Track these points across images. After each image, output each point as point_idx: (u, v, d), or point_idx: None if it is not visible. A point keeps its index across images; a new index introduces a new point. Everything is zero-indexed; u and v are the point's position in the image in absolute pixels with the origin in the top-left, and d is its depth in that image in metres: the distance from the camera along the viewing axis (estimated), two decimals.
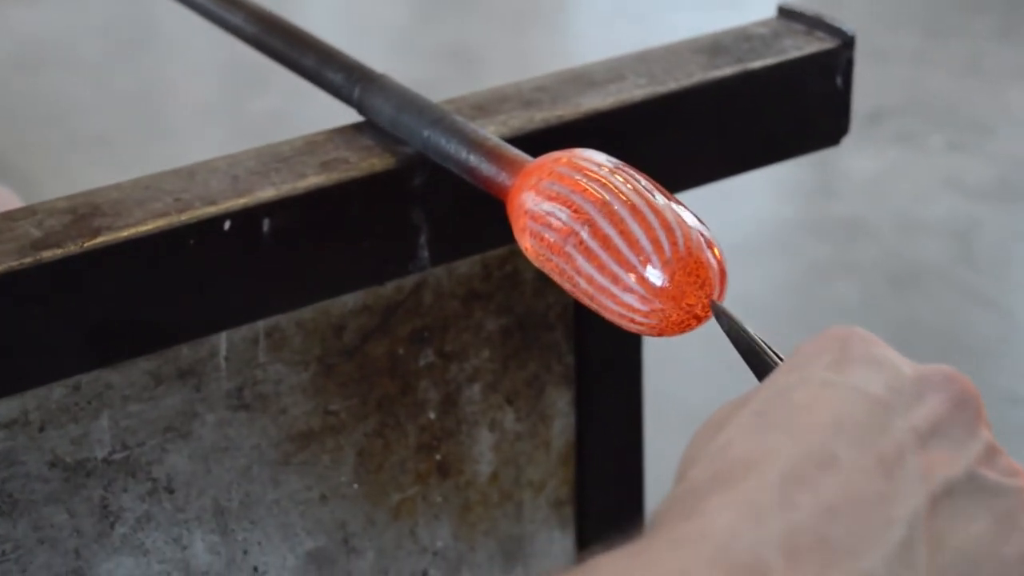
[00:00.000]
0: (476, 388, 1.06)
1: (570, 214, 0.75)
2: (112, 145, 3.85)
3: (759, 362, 0.68)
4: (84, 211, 0.90)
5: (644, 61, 1.05)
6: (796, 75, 1.06)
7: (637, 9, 4.62)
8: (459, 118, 0.91)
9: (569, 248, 0.75)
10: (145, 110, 4.11)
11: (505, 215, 0.99)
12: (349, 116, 1.00)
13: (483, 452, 1.08)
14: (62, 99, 4.12)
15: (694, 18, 4.31)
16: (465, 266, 1.02)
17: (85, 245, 0.87)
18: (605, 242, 0.73)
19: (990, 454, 0.57)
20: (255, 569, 1.01)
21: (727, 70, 1.04)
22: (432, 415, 1.05)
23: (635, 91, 1.01)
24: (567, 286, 0.76)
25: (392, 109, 0.95)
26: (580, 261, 0.74)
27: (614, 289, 0.73)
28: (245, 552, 1.01)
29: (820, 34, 1.08)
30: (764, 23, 1.10)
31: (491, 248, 1.02)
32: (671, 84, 1.02)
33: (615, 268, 0.73)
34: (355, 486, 1.03)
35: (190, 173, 0.94)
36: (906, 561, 0.53)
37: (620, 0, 4.71)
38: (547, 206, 0.77)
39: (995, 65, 4.14)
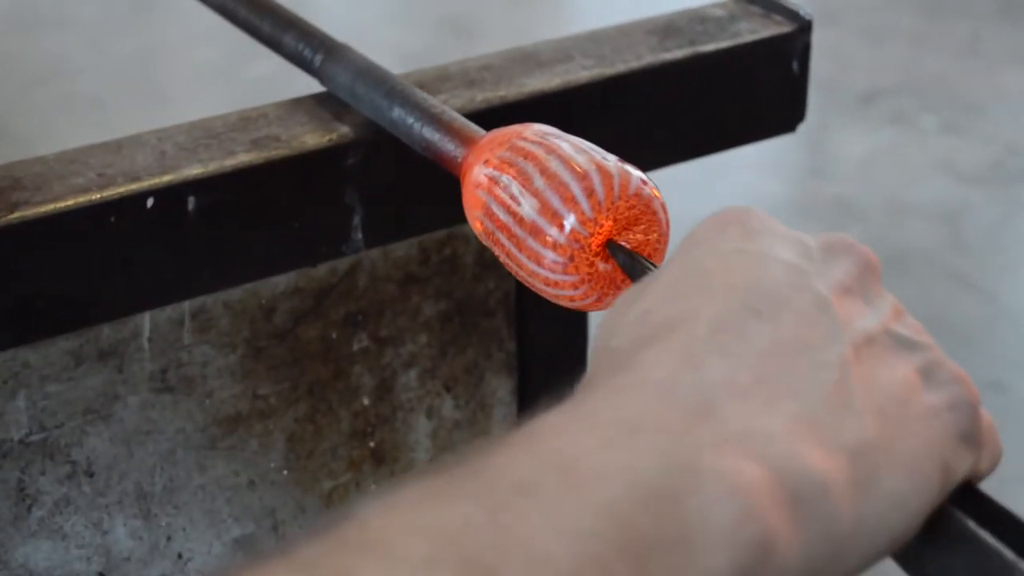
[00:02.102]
0: (412, 374, 1.03)
1: (511, 181, 0.75)
2: (107, 108, 3.82)
3: None
4: (3, 184, 0.87)
5: (594, 41, 1.02)
6: (750, 59, 1.03)
7: None
8: (418, 91, 0.88)
9: (499, 214, 0.74)
10: (141, 73, 4.07)
11: (443, 198, 0.96)
12: None
13: (419, 439, 1.05)
14: (57, 60, 4.08)
15: None
16: (402, 249, 1.00)
17: (1, 220, 0.84)
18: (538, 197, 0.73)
19: (898, 313, 0.59)
20: (179, 555, 0.99)
21: (678, 53, 1.01)
22: (366, 401, 1.02)
23: (581, 72, 0.98)
24: (506, 257, 0.75)
25: (350, 79, 0.92)
26: (515, 209, 0.74)
27: (543, 224, 0.72)
28: (169, 538, 0.98)
29: (777, 17, 1.05)
30: (721, 5, 1.07)
31: (429, 231, 0.99)
32: (619, 66, 0.99)
33: (547, 210, 0.72)
34: (285, 472, 1.01)
35: (117, 147, 0.91)
36: (843, 400, 0.53)
37: None
38: (491, 173, 0.75)
39: (993, 47, 4.10)
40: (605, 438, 0.50)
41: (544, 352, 1.07)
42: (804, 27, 1.03)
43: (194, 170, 0.89)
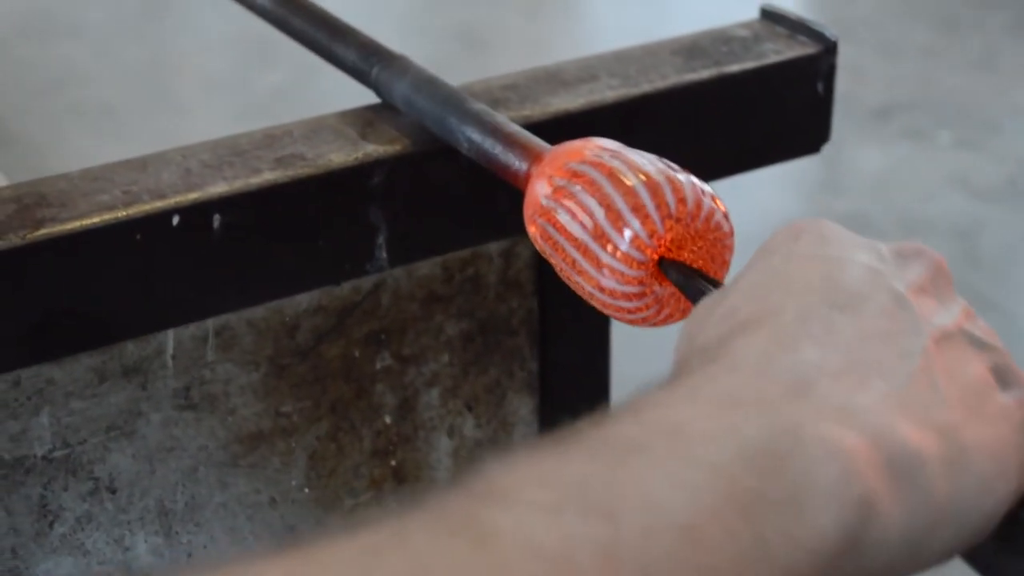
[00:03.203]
0: (435, 393, 1.03)
1: (582, 191, 0.75)
2: (117, 116, 3.82)
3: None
4: (29, 201, 0.87)
5: (620, 61, 1.02)
6: (775, 80, 1.02)
7: None
8: (479, 103, 0.88)
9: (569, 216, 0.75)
10: (152, 82, 4.07)
11: (467, 217, 0.96)
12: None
13: (441, 459, 1.05)
14: (68, 68, 4.08)
15: (710, 4, 4.26)
16: (425, 268, 0.99)
17: (27, 236, 0.84)
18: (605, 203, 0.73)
19: (969, 315, 0.62)
20: None
21: (703, 73, 1.01)
22: (388, 419, 1.02)
23: (607, 92, 0.98)
24: (568, 267, 0.75)
25: (408, 90, 0.92)
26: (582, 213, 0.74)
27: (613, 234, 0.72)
28: (190, 555, 0.98)
29: (802, 38, 1.04)
30: (746, 25, 1.07)
31: (452, 250, 0.99)
32: (644, 86, 0.99)
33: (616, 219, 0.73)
34: (306, 490, 1.00)
35: (143, 164, 0.91)
36: (929, 385, 0.56)
37: None
38: (561, 184, 0.76)
39: (1008, 63, 4.09)
40: (708, 410, 0.52)
41: (566, 372, 1.07)
42: (829, 48, 1.03)
43: (219, 188, 0.88)
